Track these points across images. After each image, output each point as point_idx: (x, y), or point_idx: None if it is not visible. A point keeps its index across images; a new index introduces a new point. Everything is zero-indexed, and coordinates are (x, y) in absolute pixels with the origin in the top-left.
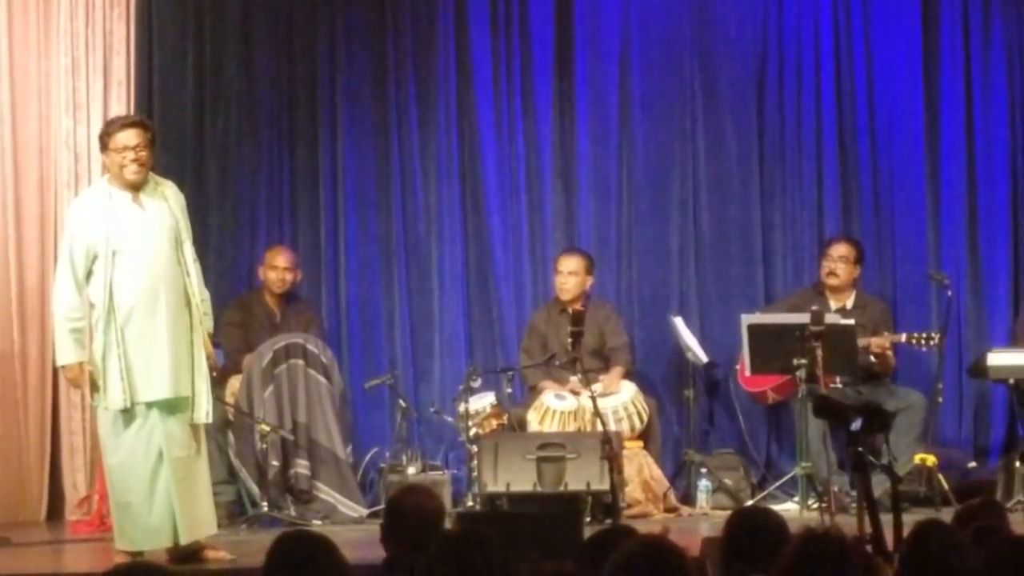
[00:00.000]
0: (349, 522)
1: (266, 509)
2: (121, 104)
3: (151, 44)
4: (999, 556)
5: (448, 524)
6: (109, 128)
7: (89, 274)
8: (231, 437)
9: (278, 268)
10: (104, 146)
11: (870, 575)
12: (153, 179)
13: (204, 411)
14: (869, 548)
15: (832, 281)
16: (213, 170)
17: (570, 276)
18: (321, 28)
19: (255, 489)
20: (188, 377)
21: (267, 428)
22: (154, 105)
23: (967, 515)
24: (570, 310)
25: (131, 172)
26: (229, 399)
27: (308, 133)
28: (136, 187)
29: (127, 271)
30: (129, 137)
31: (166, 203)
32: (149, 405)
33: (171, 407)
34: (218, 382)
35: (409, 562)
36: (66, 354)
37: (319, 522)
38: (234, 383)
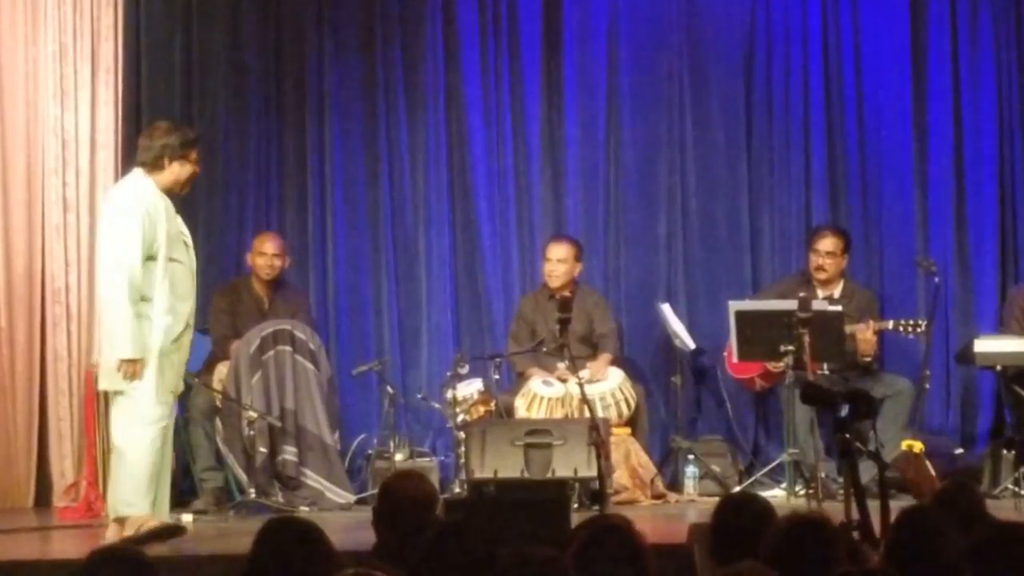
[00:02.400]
0: (336, 508)
1: (253, 496)
2: (109, 91)
3: (139, 30)
4: (985, 542)
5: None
6: (196, 140)
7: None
8: (219, 424)
9: (266, 254)
10: (183, 154)
11: (856, 560)
12: None
13: None
14: (856, 534)
15: (820, 276)
16: (201, 157)
17: (559, 263)
18: (309, 14)
19: (242, 475)
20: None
21: (255, 415)
22: (142, 92)
23: (943, 497)
24: (558, 297)
25: (188, 187)
26: (217, 386)
27: (296, 120)
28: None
29: (179, 279)
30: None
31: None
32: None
33: None
34: (206, 369)
35: (399, 550)
36: (136, 348)
37: (306, 508)
38: (221, 370)
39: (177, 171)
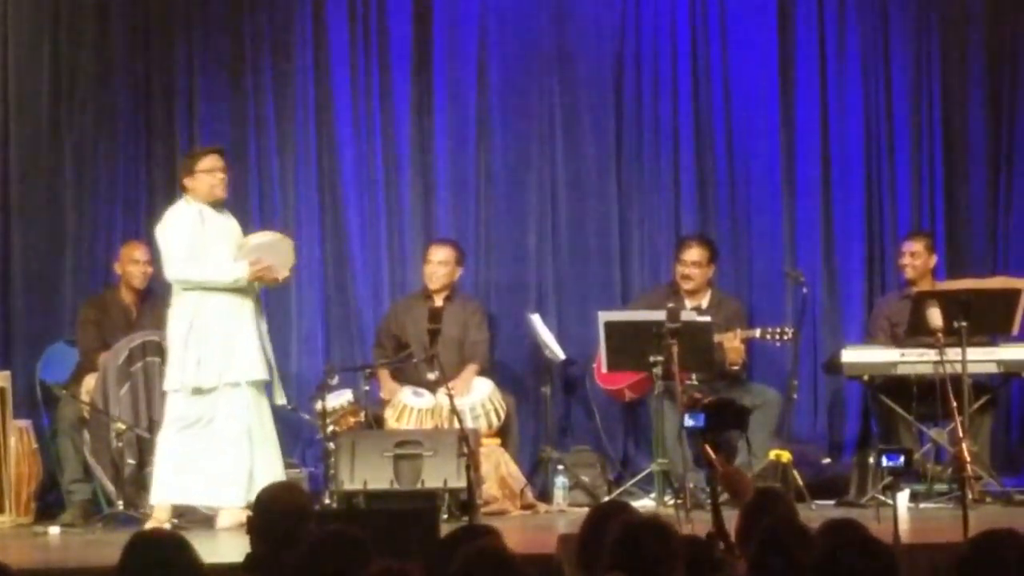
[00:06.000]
0: (205, 521)
1: (121, 508)
2: None
3: (6, 38)
4: (853, 553)
5: None
6: (198, 155)
7: None
8: (86, 435)
9: (139, 261)
10: (189, 172)
11: (723, 571)
12: None
13: None
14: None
15: (687, 285)
16: (69, 165)
17: (440, 265)
18: (178, 23)
19: (111, 487)
20: None
21: (123, 426)
22: (9, 99)
23: (754, 507)
24: (434, 300)
25: (213, 195)
26: (84, 397)
27: (165, 128)
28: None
29: None
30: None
31: None
32: None
33: None
34: (74, 380)
35: (272, 562)
36: None
37: (175, 521)
38: (89, 381)
39: (195, 187)
